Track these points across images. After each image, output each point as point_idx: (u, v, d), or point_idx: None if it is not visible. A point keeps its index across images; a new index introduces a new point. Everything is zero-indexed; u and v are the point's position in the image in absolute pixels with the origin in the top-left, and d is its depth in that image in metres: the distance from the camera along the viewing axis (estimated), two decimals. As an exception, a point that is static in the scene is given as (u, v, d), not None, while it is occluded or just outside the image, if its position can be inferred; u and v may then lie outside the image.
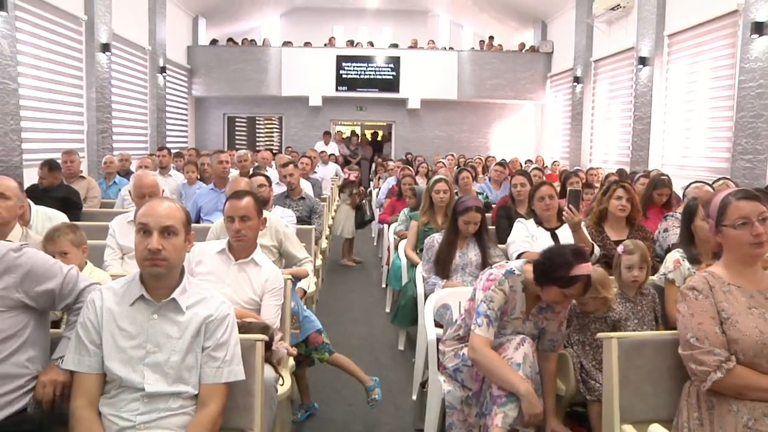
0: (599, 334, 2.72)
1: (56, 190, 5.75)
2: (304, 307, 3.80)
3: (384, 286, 6.73)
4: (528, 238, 4.29)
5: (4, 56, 7.61)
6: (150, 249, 2.12)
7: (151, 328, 2.16)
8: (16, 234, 3.34)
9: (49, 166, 5.94)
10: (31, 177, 6.35)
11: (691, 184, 5.18)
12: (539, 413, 2.62)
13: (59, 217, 4.15)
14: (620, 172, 9.34)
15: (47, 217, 4.11)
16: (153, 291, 2.20)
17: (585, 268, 2.64)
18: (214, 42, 17.64)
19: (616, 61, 12.70)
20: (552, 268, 2.67)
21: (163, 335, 2.17)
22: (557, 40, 16.51)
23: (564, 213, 4.10)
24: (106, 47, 10.67)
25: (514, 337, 2.83)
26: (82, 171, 7.02)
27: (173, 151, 9.65)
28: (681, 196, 5.79)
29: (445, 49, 18.35)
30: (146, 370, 2.13)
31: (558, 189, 5.39)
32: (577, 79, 14.33)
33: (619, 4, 11.76)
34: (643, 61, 10.86)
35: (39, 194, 5.37)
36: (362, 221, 8.75)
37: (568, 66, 14.97)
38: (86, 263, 3.36)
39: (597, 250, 4.20)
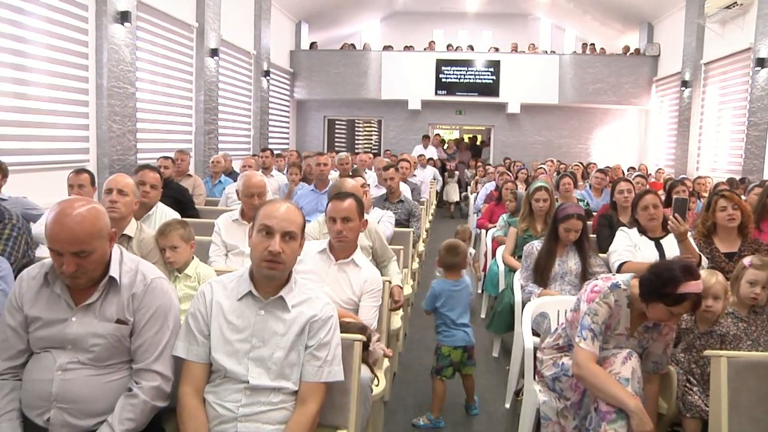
0: (707, 352, 2.60)
1: (168, 189, 6.03)
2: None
3: (480, 291, 6.68)
4: (630, 248, 4.15)
5: (126, 63, 8.12)
6: (271, 251, 2.20)
7: (258, 323, 2.24)
8: (131, 228, 3.53)
9: (173, 159, 6.42)
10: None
11: None
12: (650, 431, 2.51)
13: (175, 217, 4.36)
14: (730, 180, 8.91)
15: (164, 214, 4.34)
16: (261, 288, 2.28)
17: (694, 286, 2.51)
18: (313, 45, 18.02)
19: (730, 64, 12.06)
20: (659, 284, 2.55)
21: (268, 331, 2.24)
22: (664, 43, 15.88)
23: (669, 223, 3.94)
24: (214, 52, 11.16)
25: (620, 351, 2.74)
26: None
27: (275, 152, 9.94)
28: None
29: (546, 52, 18.04)
30: (251, 364, 2.21)
31: (663, 198, 5.19)
32: (685, 83, 13.70)
33: (735, 2, 11.09)
34: (761, 62, 10.25)
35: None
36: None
37: (676, 69, 14.35)
38: (193, 258, 3.51)
39: (705, 261, 4.02)
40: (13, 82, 6.49)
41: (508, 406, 4.19)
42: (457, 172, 15.49)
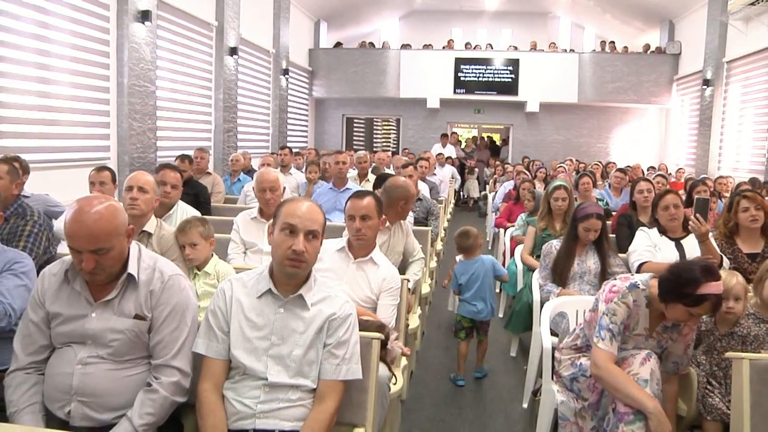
0: (728, 354, 2.57)
1: (187, 186, 6.07)
2: None
3: (498, 291, 6.66)
4: (651, 248, 4.12)
5: (146, 61, 8.19)
6: (295, 250, 2.21)
7: (277, 321, 2.25)
8: (151, 225, 3.56)
9: (189, 159, 6.43)
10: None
11: None
12: None
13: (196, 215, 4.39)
14: (753, 180, 8.80)
15: (185, 212, 4.37)
16: (281, 286, 2.29)
17: (715, 287, 2.48)
18: (338, 45, 18.09)
19: (753, 62, 11.89)
20: (678, 284, 2.52)
21: (288, 329, 2.25)
22: (685, 41, 15.72)
23: (690, 223, 3.90)
24: (233, 51, 11.21)
25: (639, 352, 2.72)
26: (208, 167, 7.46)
27: (294, 150, 9.97)
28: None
29: (566, 51, 17.94)
30: (269, 361, 2.22)
31: (683, 198, 5.14)
32: (706, 82, 13.56)
33: (760, -2, 10.91)
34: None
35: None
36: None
37: (697, 68, 14.21)
38: (212, 255, 3.53)
39: (726, 262, 3.98)
40: (36, 81, 6.58)
41: (525, 405, 4.17)
42: (476, 169, 16.02)
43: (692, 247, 4.02)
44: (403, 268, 4.11)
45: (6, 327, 2.54)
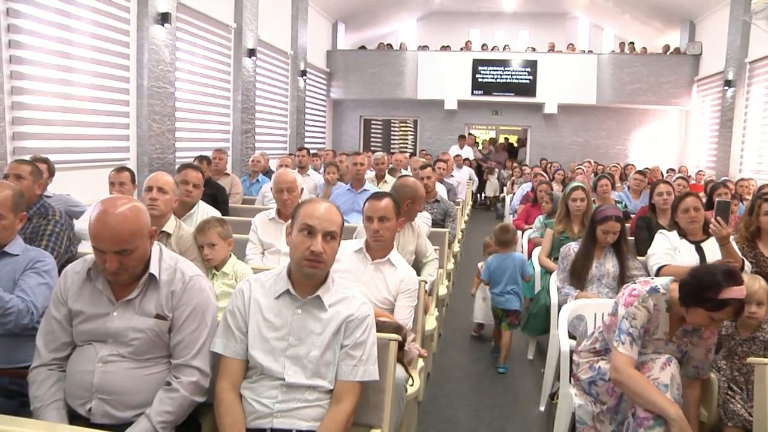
0: (750, 359, 2.54)
1: (206, 187, 6.10)
2: None
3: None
4: (670, 251, 4.08)
5: (165, 63, 8.26)
6: (314, 251, 2.22)
7: (295, 322, 2.26)
8: (170, 225, 3.59)
9: (207, 160, 6.49)
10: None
11: None
12: None
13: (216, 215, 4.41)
14: (775, 183, 8.68)
15: (205, 212, 4.40)
16: (299, 287, 2.30)
17: (737, 292, 2.44)
18: (362, 48, 18.14)
19: (776, 62, 11.75)
20: (700, 289, 2.49)
21: (305, 330, 2.26)
22: (706, 41, 15.57)
23: (711, 226, 3.86)
24: (252, 52, 11.27)
25: (659, 357, 2.68)
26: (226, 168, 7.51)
27: (311, 151, 10.00)
28: None
29: (584, 52, 17.84)
30: (287, 362, 2.23)
31: (704, 200, 5.09)
32: (728, 83, 13.40)
33: (784, -3, 10.76)
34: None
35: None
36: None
37: (719, 69, 14.05)
38: (230, 255, 3.55)
39: (748, 266, 3.93)
40: (58, 83, 6.66)
41: (542, 409, 4.15)
42: (496, 170, 16.05)
43: (713, 251, 3.98)
44: (416, 270, 4.10)
45: (29, 324, 2.58)
